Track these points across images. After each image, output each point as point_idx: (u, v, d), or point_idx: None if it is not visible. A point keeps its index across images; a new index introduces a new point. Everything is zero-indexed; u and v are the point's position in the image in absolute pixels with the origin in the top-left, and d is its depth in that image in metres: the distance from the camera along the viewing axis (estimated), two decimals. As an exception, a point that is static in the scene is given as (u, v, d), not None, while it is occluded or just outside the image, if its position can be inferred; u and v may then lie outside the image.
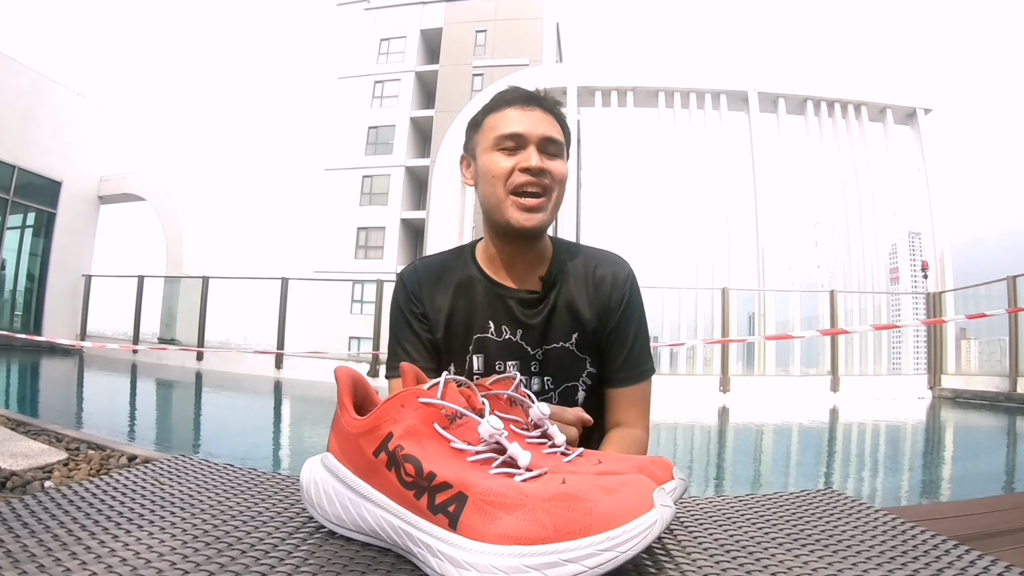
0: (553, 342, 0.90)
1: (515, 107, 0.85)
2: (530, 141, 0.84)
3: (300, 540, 0.46)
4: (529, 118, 0.84)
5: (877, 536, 0.50)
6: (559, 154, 0.86)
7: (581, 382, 0.92)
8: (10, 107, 11.46)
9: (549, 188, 0.85)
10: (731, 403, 8.70)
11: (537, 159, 0.83)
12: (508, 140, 0.84)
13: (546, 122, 0.85)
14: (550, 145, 0.85)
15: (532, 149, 0.83)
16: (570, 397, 0.91)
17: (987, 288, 9.54)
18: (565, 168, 0.86)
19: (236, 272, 28.00)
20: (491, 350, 0.90)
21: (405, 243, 22.13)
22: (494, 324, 0.90)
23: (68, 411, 5.23)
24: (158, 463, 0.66)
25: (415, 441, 0.43)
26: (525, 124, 0.84)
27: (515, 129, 0.84)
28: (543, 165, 0.83)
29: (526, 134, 0.84)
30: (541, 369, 0.90)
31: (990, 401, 8.03)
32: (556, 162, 0.85)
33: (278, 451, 4.28)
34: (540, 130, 0.84)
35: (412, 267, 0.96)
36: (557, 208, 0.87)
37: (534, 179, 0.83)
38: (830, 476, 3.86)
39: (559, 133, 0.86)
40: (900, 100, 15.71)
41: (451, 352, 0.91)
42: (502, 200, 0.85)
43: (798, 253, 15.37)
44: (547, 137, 0.84)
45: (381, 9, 24.54)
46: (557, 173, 0.85)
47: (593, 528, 0.35)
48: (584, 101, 15.97)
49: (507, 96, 0.87)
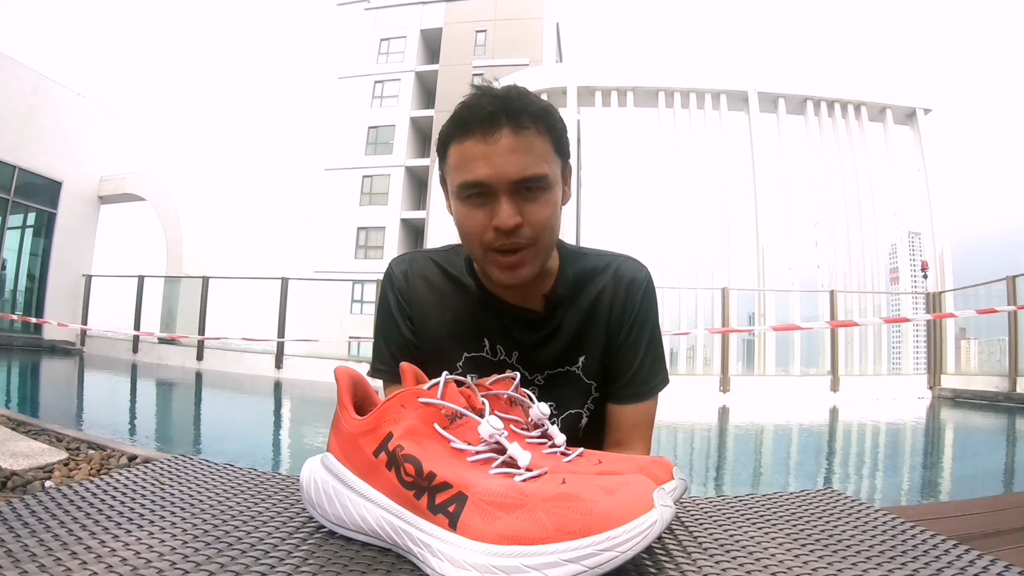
0: (557, 367, 0.81)
1: (476, 137, 0.68)
2: (499, 191, 0.68)
3: (300, 540, 0.46)
4: (495, 154, 0.67)
5: (877, 536, 0.50)
6: (543, 186, 0.70)
7: (585, 409, 0.83)
8: (11, 107, 11.46)
9: (532, 239, 0.71)
10: (731, 403, 8.70)
11: (509, 214, 0.68)
12: (473, 189, 0.69)
13: (517, 153, 0.68)
14: (527, 184, 0.68)
15: (503, 201, 0.68)
16: (574, 424, 0.83)
17: (987, 288, 9.54)
18: (552, 204, 0.71)
19: (236, 272, 27.99)
20: (483, 371, 0.78)
21: (405, 243, 22.14)
22: (489, 343, 0.80)
23: (68, 411, 5.23)
24: (158, 463, 0.66)
25: (415, 441, 0.43)
26: (490, 165, 0.67)
27: (478, 175, 0.68)
28: (517, 220, 0.68)
29: (492, 183, 0.68)
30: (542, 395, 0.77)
31: (990, 401, 8.03)
32: (537, 203, 0.70)
33: (278, 451, 4.28)
34: (510, 171, 0.67)
35: (401, 266, 0.85)
36: (549, 250, 0.75)
37: (508, 241, 0.70)
38: (830, 476, 3.86)
39: (539, 156, 0.69)
40: (900, 100, 15.72)
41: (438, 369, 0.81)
42: (480, 258, 0.74)
43: (798, 253, 15.39)
44: (519, 180, 0.68)
45: (381, 9, 24.56)
46: (539, 220, 0.70)
47: (593, 528, 0.35)
48: (584, 101, 15.98)
49: (467, 115, 0.69)
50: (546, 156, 0.71)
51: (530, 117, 0.69)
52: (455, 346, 0.81)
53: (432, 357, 0.81)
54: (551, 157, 0.72)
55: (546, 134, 0.71)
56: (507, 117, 0.68)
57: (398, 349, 0.82)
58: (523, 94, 0.71)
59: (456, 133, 0.70)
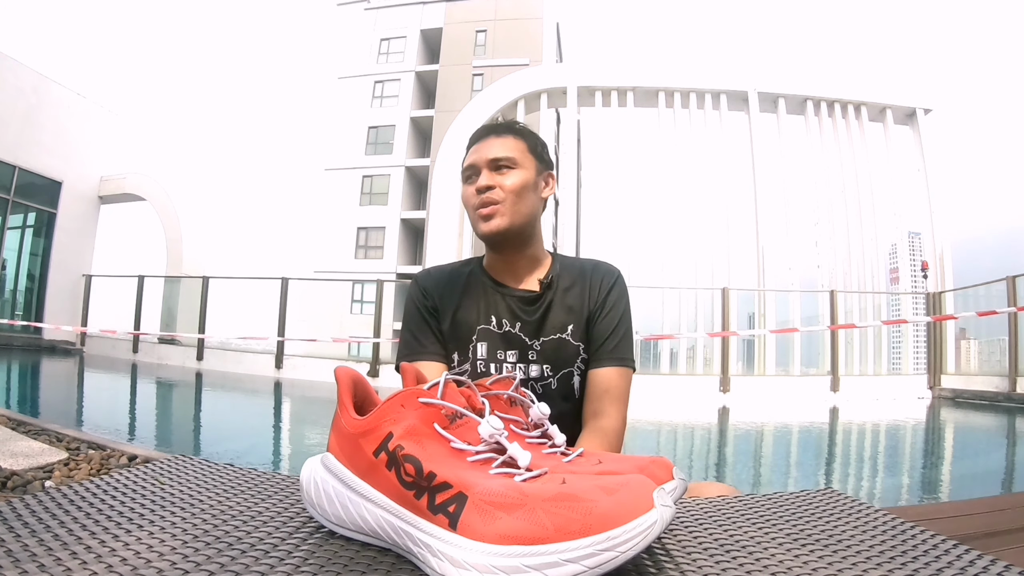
0: (550, 334, 1.02)
1: (475, 143, 1.04)
2: (480, 167, 1.01)
3: (300, 540, 0.46)
4: (482, 148, 1.01)
5: (877, 536, 0.50)
6: (511, 166, 1.00)
7: (576, 367, 1.03)
8: (11, 107, 11.47)
9: (502, 198, 0.99)
10: (731, 403, 8.70)
11: (485, 179, 0.99)
12: (468, 171, 1.03)
13: (496, 145, 1.01)
14: (499, 163, 1.00)
15: (483, 172, 1.00)
16: (567, 382, 1.03)
17: (987, 288, 9.54)
18: (520, 177, 1.00)
19: (236, 272, 28.01)
20: (492, 340, 1.02)
21: (405, 243, 22.14)
22: (495, 318, 1.03)
23: (68, 411, 5.23)
24: (158, 463, 0.66)
25: (415, 441, 0.43)
26: (478, 154, 1.01)
27: (471, 161, 1.02)
28: (489, 183, 0.99)
29: (476, 162, 1.01)
30: (539, 357, 1.02)
31: (990, 401, 8.03)
32: (506, 175, 1.00)
33: (278, 451, 4.28)
34: (489, 155, 1.00)
35: (426, 271, 1.12)
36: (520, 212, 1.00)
37: (484, 197, 0.99)
38: (830, 476, 3.86)
39: (510, 149, 1.01)
40: (900, 100, 15.70)
41: (457, 340, 1.03)
42: (472, 218, 1.03)
43: (798, 253, 15.37)
44: (493, 159, 1.00)
45: (381, 9, 24.55)
46: (506, 184, 0.99)
47: (593, 528, 0.35)
48: (584, 101, 15.98)
49: (474, 135, 1.06)
50: (517, 150, 1.01)
51: (508, 130, 1.04)
52: (470, 323, 1.04)
53: (453, 333, 1.04)
54: (524, 154, 1.02)
55: (521, 140, 1.03)
56: (493, 130, 1.04)
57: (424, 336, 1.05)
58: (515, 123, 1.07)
59: (469, 144, 1.06)
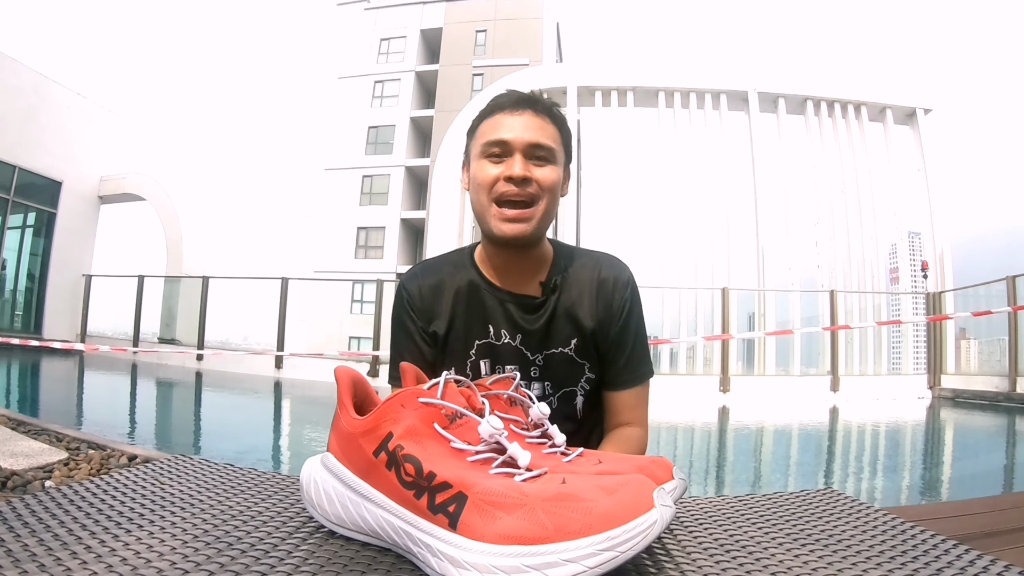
0: (553, 347, 0.89)
1: (505, 112, 0.83)
2: (515, 148, 0.81)
3: (300, 540, 0.46)
4: (518, 123, 0.82)
5: (877, 536, 0.50)
6: (550, 159, 0.83)
7: (580, 387, 0.91)
8: (11, 107, 11.45)
9: (536, 197, 0.82)
10: (731, 403, 8.70)
11: (521, 167, 0.80)
12: (495, 147, 0.82)
13: (535, 126, 0.82)
14: (538, 151, 0.82)
15: (517, 157, 0.81)
16: (569, 402, 0.91)
17: (987, 288, 9.54)
18: (556, 175, 0.83)
19: (236, 272, 27.98)
20: (493, 355, 0.89)
21: (405, 243, 22.13)
22: (494, 329, 0.89)
23: (68, 411, 5.22)
24: (158, 463, 0.66)
25: (415, 441, 0.43)
26: (512, 130, 0.81)
27: (501, 135, 0.82)
28: (527, 173, 0.80)
29: (512, 141, 0.81)
30: (541, 374, 0.89)
31: (990, 401, 8.03)
32: (545, 169, 0.82)
33: (278, 451, 4.28)
34: (527, 136, 0.81)
35: (412, 275, 0.94)
36: (548, 217, 0.84)
37: (517, 189, 0.81)
38: (830, 476, 3.86)
39: (550, 137, 0.83)
40: (900, 100, 15.70)
41: (452, 356, 0.90)
42: (486, 208, 0.83)
43: (798, 253, 15.35)
44: (534, 143, 0.81)
45: (381, 9, 24.54)
46: (545, 181, 0.82)
47: (593, 528, 0.35)
48: (584, 101, 15.96)
49: (500, 100, 0.85)
50: (555, 140, 0.84)
51: (547, 111, 0.85)
52: (467, 336, 0.90)
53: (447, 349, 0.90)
54: (558, 144, 0.85)
55: (557, 128, 0.85)
56: (531, 104, 0.84)
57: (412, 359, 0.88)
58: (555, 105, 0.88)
59: (488, 112, 0.86)
